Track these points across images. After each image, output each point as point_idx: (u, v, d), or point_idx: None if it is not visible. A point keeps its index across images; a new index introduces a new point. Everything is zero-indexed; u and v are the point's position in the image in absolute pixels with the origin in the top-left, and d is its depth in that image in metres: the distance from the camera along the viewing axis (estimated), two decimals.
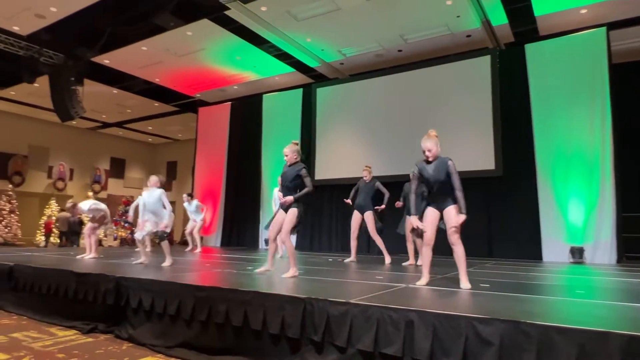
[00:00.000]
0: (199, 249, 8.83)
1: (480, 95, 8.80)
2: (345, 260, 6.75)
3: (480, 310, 2.59)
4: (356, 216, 6.64)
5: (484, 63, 8.88)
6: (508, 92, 8.65)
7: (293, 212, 4.38)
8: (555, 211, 7.84)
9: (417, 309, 2.58)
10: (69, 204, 6.91)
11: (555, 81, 8.09)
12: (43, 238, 14.19)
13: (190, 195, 9.01)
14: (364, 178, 6.72)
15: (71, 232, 13.01)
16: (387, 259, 6.46)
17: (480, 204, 8.62)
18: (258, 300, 3.16)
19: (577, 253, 7.50)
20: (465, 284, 3.68)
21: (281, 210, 4.53)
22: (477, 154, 8.64)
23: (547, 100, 8.14)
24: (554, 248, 7.74)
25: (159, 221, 5.45)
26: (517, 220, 8.18)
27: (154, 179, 5.61)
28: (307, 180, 4.39)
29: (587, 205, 7.59)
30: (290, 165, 4.53)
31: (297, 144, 4.63)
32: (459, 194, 3.70)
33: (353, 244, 6.78)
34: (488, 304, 2.87)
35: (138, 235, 5.56)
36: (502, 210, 8.43)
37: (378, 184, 6.67)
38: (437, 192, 3.77)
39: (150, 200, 5.45)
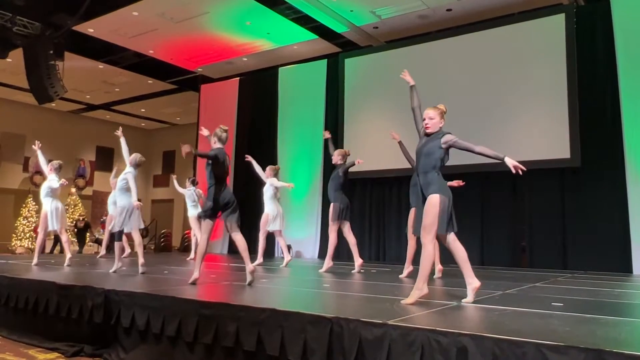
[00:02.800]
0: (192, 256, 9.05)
1: (552, 65, 8.59)
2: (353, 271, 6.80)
3: (552, 335, 2.55)
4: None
5: (557, 23, 8.64)
6: (588, 60, 8.42)
7: None
8: None
9: (472, 332, 2.56)
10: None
11: None
12: (25, 243, 14.62)
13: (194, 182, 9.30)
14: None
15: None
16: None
17: (552, 203, 8.47)
18: (275, 320, 3.20)
19: None
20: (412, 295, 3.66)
21: None
22: (548, 139, 8.46)
23: None
24: None
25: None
26: (600, 223, 7.98)
27: None
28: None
29: None
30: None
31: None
32: (479, 148, 3.73)
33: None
34: (562, 328, 2.83)
35: None
36: (581, 210, 8.23)
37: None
38: (419, 172, 3.83)
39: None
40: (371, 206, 10.40)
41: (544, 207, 8.53)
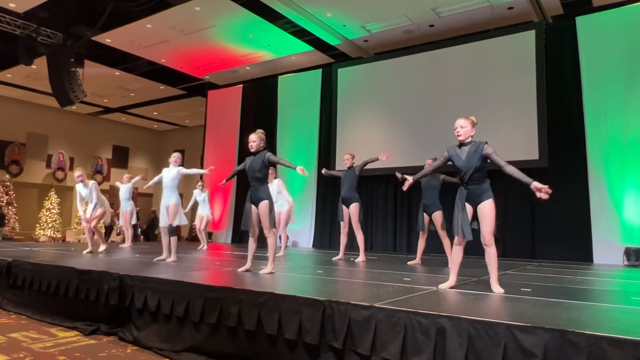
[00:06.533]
0: (205, 246, 8.94)
1: (523, 76, 8.62)
2: (333, 259, 6.88)
3: (521, 317, 2.56)
4: (344, 210, 6.79)
5: (528, 39, 8.67)
6: (555, 71, 8.46)
7: (266, 204, 4.57)
8: (608, 207, 7.66)
9: (450, 314, 2.57)
10: None
11: (611, 59, 7.85)
12: (48, 232, 14.51)
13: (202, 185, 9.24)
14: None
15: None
16: (361, 257, 6.74)
17: (522, 199, 8.48)
18: (273, 303, 3.20)
19: (633, 255, 7.33)
20: (497, 288, 3.62)
21: (252, 206, 4.66)
22: (519, 142, 8.48)
23: (601, 81, 7.92)
24: (607, 249, 7.57)
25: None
26: (565, 217, 8.03)
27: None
28: (275, 159, 4.75)
29: None
30: (255, 155, 4.82)
31: (263, 133, 5.00)
32: (509, 169, 3.71)
33: (343, 240, 7.02)
34: (530, 311, 2.84)
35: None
36: (548, 206, 8.19)
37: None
38: (470, 183, 3.69)
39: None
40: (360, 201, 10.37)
41: (516, 203, 8.55)
